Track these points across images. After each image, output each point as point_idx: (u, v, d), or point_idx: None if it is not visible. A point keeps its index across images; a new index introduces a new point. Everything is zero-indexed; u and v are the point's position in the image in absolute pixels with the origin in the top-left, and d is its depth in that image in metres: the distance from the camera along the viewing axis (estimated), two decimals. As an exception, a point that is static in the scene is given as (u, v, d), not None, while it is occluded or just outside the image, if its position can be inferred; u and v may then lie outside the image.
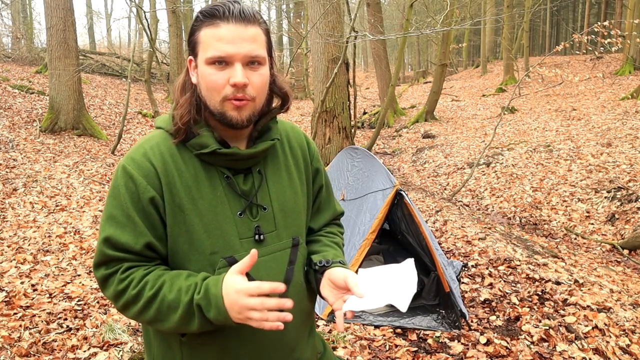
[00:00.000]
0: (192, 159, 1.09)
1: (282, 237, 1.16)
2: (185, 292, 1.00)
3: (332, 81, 7.04)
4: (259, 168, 1.15)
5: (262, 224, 1.13)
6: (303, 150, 1.26)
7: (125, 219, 1.04)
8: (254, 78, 1.06)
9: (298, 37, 17.22)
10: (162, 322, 1.03)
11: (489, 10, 22.28)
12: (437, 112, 15.44)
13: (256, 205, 1.13)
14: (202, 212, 1.06)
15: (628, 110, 10.94)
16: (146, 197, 1.04)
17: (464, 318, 3.18)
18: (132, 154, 1.08)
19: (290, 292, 1.14)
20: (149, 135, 1.14)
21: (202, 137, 1.08)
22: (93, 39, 32.28)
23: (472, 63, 32.80)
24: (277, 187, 1.17)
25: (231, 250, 1.08)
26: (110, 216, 1.05)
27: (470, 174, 7.72)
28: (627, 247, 5.18)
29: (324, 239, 1.29)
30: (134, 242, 1.04)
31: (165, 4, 16.10)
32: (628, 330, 3.06)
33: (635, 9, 15.27)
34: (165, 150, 1.08)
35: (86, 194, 6.23)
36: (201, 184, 1.08)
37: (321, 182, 1.31)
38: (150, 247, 1.06)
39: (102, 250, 1.05)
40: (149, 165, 1.06)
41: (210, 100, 1.06)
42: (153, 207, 1.05)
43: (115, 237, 1.03)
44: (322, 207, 1.33)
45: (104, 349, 2.88)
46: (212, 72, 1.04)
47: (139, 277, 1.03)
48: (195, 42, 1.07)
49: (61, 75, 9.56)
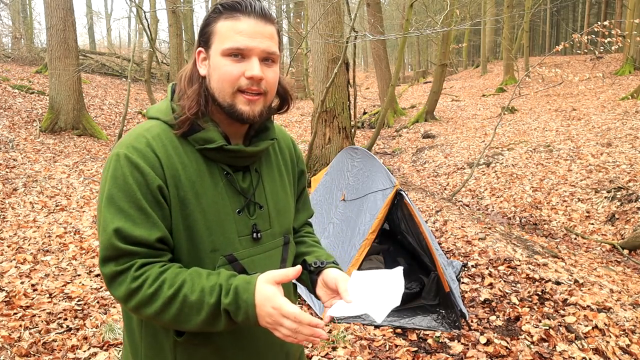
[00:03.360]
0: (194, 153, 1.07)
1: (276, 235, 1.17)
2: (209, 294, 0.96)
3: (332, 81, 7.04)
4: (256, 167, 1.16)
5: (258, 222, 1.13)
6: (290, 152, 1.29)
7: (137, 210, 0.98)
8: (268, 74, 1.06)
9: (298, 37, 17.21)
10: (183, 323, 0.98)
11: (489, 10, 22.28)
12: (437, 112, 15.44)
13: (254, 203, 1.13)
14: (205, 209, 1.05)
15: (628, 110, 10.94)
16: (155, 185, 1.00)
17: (464, 318, 3.18)
18: (132, 143, 1.02)
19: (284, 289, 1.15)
20: (146, 125, 1.08)
21: (208, 132, 1.06)
22: (93, 39, 32.29)
23: (472, 63, 32.80)
24: (271, 186, 1.18)
25: (231, 247, 1.08)
26: (119, 209, 0.98)
27: (470, 174, 7.72)
28: (627, 247, 5.18)
29: (307, 240, 1.33)
30: (148, 234, 0.98)
31: (165, 4, 16.09)
32: (628, 330, 3.06)
33: (635, 9, 15.27)
34: (168, 142, 1.05)
35: (86, 194, 6.23)
36: (204, 180, 1.06)
37: (304, 183, 1.35)
38: (163, 240, 1.01)
39: (112, 243, 0.97)
40: (153, 156, 1.02)
41: (220, 92, 1.05)
42: (162, 196, 1.01)
43: (127, 229, 0.97)
44: (301, 208, 1.36)
45: (104, 349, 2.88)
46: (228, 64, 1.03)
47: (155, 275, 0.98)
48: (210, 33, 1.06)
49: (61, 75, 9.56)
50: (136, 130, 1.07)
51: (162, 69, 13.82)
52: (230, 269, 1.07)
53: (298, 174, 1.31)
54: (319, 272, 1.18)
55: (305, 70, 21.13)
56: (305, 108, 18.57)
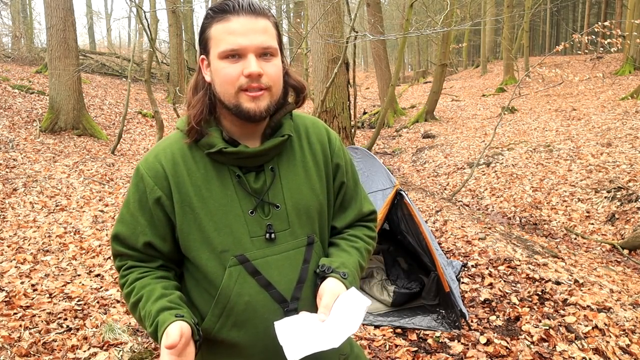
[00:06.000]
0: (204, 158, 1.11)
1: (297, 235, 1.13)
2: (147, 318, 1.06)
3: (332, 81, 7.04)
4: (272, 165, 1.14)
5: (274, 222, 1.11)
6: (323, 146, 1.22)
7: (130, 217, 1.13)
8: (269, 68, 1.06)
9: (298, 37, 17.21)
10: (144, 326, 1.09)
11: (489, 10, 22.28)
12: (437, 112, 15.44)
13: (268, 204, 1.12)
14: (212, 211, 1.08)
15: (628, 110, 10.94)
16: (152, 197, 1.10)
17: (464, 318, 3.18)
18: (147, 156, 1.15)
19: (304, 291, 1.13)
20: (167, 137, 1.18)
21: (210, 137, 1.09)
22: (93, 39, 32.29)
23: (472, 63, 32.80)
24: (291, 185, 1.14)
25: (241, 248, 1.09)
26: (121, 214, 1.15)
27: (470, 174, 7.72)
28: (627, 247, 5.18)
29: (342, 243, 1.23)
30: (134, 240, 1.12)
31: (165, 4, 16.10)
32: (628, 330, 3.06)
33: (635, 9, 15.27)
34: (177, 151, 1.12)
35: (86, 194, 6.23)
36: (211, 183, 1.09)
37: (342, 178, 1.24)
38: (150, 246, 1.12)
39: (112, 244, 1.17)
40: (158, 167, 1.10)
41: (224, 95, 1.06)
42: (159, 207, 1.10)
43: (122, 234, 1.13)
44: (345, 205, 1.26)
45: (104, 349, 2.88)
46: (226, 66, 1.04)
47: (131, 280, 1.13)
48: (206, 39, 1.07)
49: (61, 75, 9.56)
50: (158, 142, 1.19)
51: (162, 69, 13.82)
52: (242, 269, 1.08)
53: (333, 168, 1.22)
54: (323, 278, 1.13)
55: (305, 70, 21.11)
56: (305, 108, 18.56)
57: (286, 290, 1.11)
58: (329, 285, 1.09)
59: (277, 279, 1.10)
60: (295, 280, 1.12)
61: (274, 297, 1.10)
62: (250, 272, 1.09)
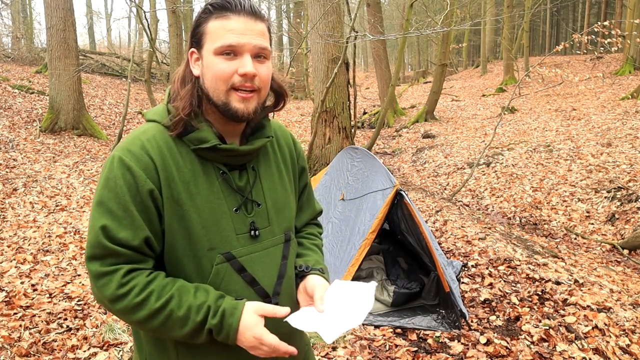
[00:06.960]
0: (189, 153, 1.08)
1: (275, 232, 1.18)
2: (196, 312, 1.01)
3: (332, 81, 7.04)
4: (253, 165, 1.16)
5: (257, 220, 1.14)
6: (290, 149, 1.28)
7: (123, 212, 1.00)
8: (261, 70, 1.07)
9: (298, 37, 17.21)
10: (163, 333, 1.03)
11: (489, 10, 22.28)
12: (437, 112, 15.44)
13: (251, 201, 1.13)
14: (200, 208, 1.06)
15: (628, 110, 10.94)
16: (145, 189, 1.01)
17: (464, 318, 3.18)
18: (128, 146, 1.04)
19: (283, 286, 1.17)
20: (143, 128, 1.10)
21: (201, 132, 1.07)
22: (93, 39, 32.27)
23: (472, 63, 32.79)
24: (269, 184, 1.18)
25: (228, 245, 1.09)
26: (107, 209, 1.00)
27: (470, 174, 7.72)
28: (627, 247, 5.18)
29: (305, 242, 1.32)
30: (132, 236, 1.00)
31: (165, 4, 16.09)
32: (628, 330, 3.06)
33: (635, 9, 15.27)
34: (163, 144, 1.06)
35: (86, 194, 6.23)
36: (198, 180, 1.07)
37: (305, 180, 1.34)
38: (147, 243, 1.03)
39: (99, 240, 0.99)
40: (147, 159, 1.03)
41: (214, 91, 1.06)
42: (152, 200, 1.03)
43: (113, 229, 0.99)
44: (304, 205, 1.35)
45: (104, 349, 2.88)
46: (220, 62, 1.04)
47: (143, 284, 1.00)
48: (201, 33, 1.07)
49: (61, 75, 9.56)
50: (133, 134, 1.09)
51: (162, 69, 13.82)
52: (228, 266, 1.09)
53: (299, 171, 1.31)
54: (303, 276, 1.21)
55: (305, 70, 21.12)
56: (305, 108, 18.57)
57: (268, 286, 1.14)
58: (316, 281, 1.17)
59: (261, 275, 1.13)
60: (276, 276, 1.16)
61: (258, 293, 1.13)
62: (236, 270, 1.10)
